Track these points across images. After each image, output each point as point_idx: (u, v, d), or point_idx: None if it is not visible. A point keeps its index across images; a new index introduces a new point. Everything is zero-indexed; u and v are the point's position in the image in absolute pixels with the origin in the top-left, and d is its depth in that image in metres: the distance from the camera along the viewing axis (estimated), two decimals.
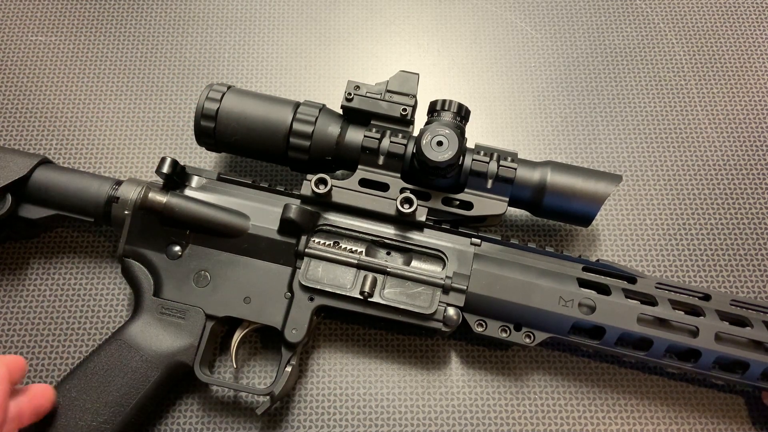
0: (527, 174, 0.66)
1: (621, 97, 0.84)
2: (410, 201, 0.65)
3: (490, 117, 0.83)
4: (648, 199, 0.79)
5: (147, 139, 0.80)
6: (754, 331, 0.63)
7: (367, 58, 0.86)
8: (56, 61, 0.84)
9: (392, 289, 0.64)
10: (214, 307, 0.65)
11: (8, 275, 0.73)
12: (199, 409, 0.68)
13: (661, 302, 0.64)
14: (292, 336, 0.64)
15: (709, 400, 0.69)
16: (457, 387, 0.69)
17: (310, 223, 0.66)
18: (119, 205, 0.66)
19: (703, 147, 0.81)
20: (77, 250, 0.74)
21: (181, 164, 0.68)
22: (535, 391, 0.70)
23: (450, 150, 0.63)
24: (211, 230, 0.66)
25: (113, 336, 0.64)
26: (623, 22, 0.88)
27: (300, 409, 0.68)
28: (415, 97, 0.68)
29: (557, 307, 0.63)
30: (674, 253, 0.76)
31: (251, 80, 0.84)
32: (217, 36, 0.87)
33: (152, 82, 0.83)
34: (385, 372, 0.70)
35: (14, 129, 0.80)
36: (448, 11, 0.89)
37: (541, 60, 0.86)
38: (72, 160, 0.79)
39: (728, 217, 0.78)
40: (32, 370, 0.69)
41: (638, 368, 0.71)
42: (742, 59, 0.87)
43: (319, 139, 0.67)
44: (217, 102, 0.67)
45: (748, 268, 0.76)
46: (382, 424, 0.68)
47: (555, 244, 0.76)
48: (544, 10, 0.89)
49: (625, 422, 0.68)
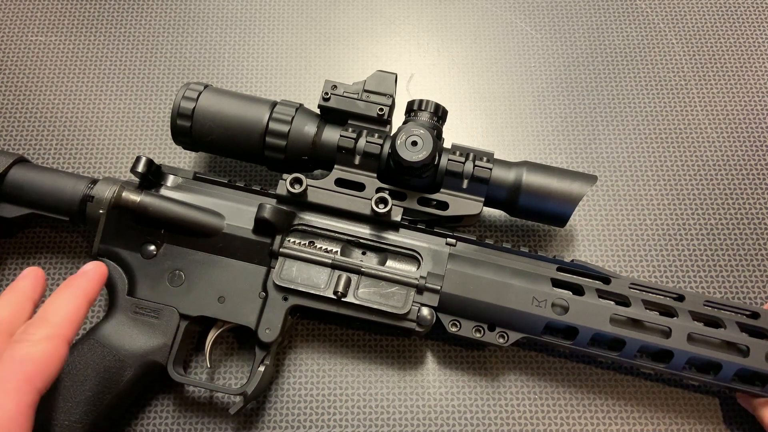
0: (503, 174, 0.66)
1: (621, 97, 0.84)
2: (385, 201, 0.65)
3: (490, 117, 0.83)
4: (648, 199, 0.79)
5: (147, 139, 0.80)
6: (727, 332, 0.63)
7: (367, 58, 0.86)
8: (56, 62, 0.84)
9: (366, 289, 0.64)
10: (188, 306, 0.65)
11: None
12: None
13: (634, 303, 0.64)
14: (266, 335, 0.64)
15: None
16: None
17: (285, 222, 0.66)
18: (94, 204, 0.66)
19: (703, 147, 0.82)
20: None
21: (157, 163, 0.68)
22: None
23: (425, 150, 0.63)
24: (186, 229, 0.66)
25: (86, 335, 0.63)
26: (623, 22, 0.88)
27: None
28: (393, 97, 0.68)
29: (530, 307, 0.63)
30: (674, 253, 0.76)
31: (251, 80, 0.84)
32: (216, 36, 0.87)
33: (152, 82, 0.83)
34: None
35: (14, 129, 0.80)
36: (448, 11, 0.89)
37: (541, 60, 0.87)
38: (72, 160, 0.78)
39: (728, 217, 0.78)
40: None
41: (614, 369, 0.71)
42: (742, 59, 0.87)
43: (296, 138, 0.67)
44: (194, 101, 0.67)
45: (747, 268, 0.76)
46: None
47: (538, 246, 0.76)
48: (544, 10, 0.89)
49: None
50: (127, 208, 0.65)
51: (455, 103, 0.83)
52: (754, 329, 0.64)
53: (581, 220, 0.77)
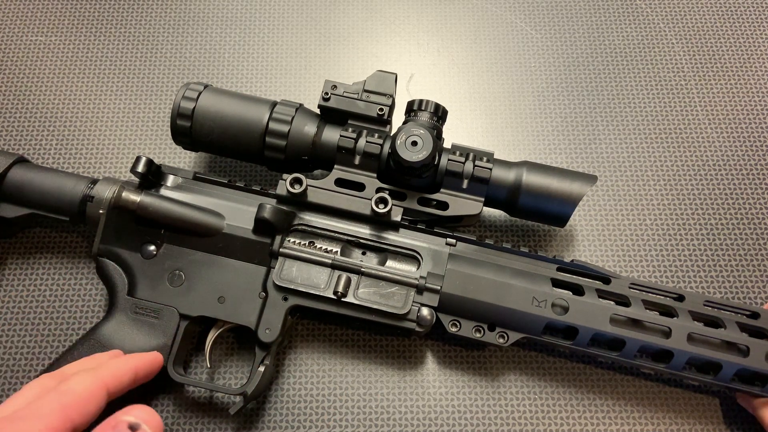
0: (503, 174, 0.66)
1: (621, 97, 0.84)
2: (385, 201, 0.65)
3: (490, 117, 0.83)
4: (648, 199, 0.79)
5: (147, 139, 0.80)
6: (727, 332, 0.63)
7: (367, 58, 0.86)
8: (56, 62, 0.84)
9: (366, 289, 0.64)
10: (188, 306, 0.65)
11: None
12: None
13: (634, 303, 0.64)
14: (266, 336, 0.63)
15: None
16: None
17: (284, 222, 0.66)
18: (94, 204, 0.66)
19: (703, 147, 0.81)
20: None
21: (157, 163, 0.68)
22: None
23: (425, 150, 0.63)
24: (186, 229, 0.66)
25: (87, 335, 0.64)
26: (623, 22, 0.88)
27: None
28: (393, 97, 0.68)
29: (530, 307, 0.63)
30: (674, 253, 0.76)
31: (251, 80, 0.84)
32: (216, 36, 0.87)
33: (152, 82, 0.83)
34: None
35: (14, 129, 0.80)
36: (448, 11, 0.89)
37: (541, 60, 0.87)
38: (72, 160, 0.78)
39: (728, 218, 0.78)
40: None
41: (614, 369, 0.71)
42: (742, 59, 0.87)
43: (295, 138, 0.67)
44: (194, 101, 0.67)
45: (747, 268, 0.76)
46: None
47: (538, 246, 0.76)
48: (544, 10, 0.89)
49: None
50: (127, 208, 0.65)
51: (455, 103, 0.83)
52: (754, 329, 0.64)
53: (582, 221, 0.77)
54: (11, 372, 0.69)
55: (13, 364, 0.69)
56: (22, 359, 0.69)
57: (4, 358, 0.69)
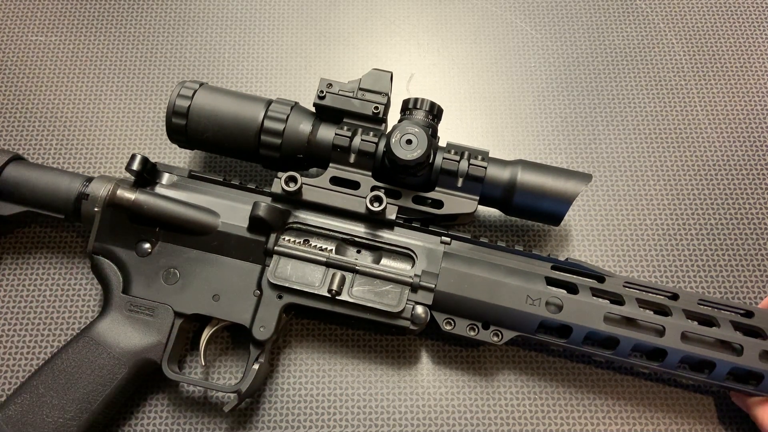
0: (497, 173, 0.66)
1: (621, 97, 0.84)
2: (380, 199, 0.65)
3: (490, 117, 0.83)
4: (647, 199, 0.79)
5: (143, 137, 0.80)
6: (720, 330, 0.63)
7: (367, 58, 0.86)
8: (56, 62, 0.84)
9: (361, 288, 0.64)
10: (182, 304, 0.65)
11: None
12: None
13: (628, 301, 0.64)
14: (260, 333, 0.64)
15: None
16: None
17: (279, 220, 0.66)
18: (89, 202, 0.66)
19: (703, 147, 0.81)
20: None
21: (153, 161, 0.68)
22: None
23: (419, 148, 0.63)
24: (181, 227, 0.66)
25: (81, 333, 0.64)
26: (623, 22, 0.88)
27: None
28: (388, 95, 0.68)
29: (524, 305, 0.63)
30: (674, 253, 0.76)
31: (250, 80, 0.84)
32: (216, 36, 0.87)
33: (151, 82, 0.84)
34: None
35: (12, 127, 0.80)
36: (448, 11, 0.89)
37: (541, 60, 0.86)
38: (70, 158, 0.79)
39: (727, 217, 0.78)
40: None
41: (609, 368, 0.71)
42: (742, 59, 0.86)
43: (291, 136, 0.67)
44: (189, 99, 0.67)
45: (747, 268, 0.75)
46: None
47: (532, 244, 0.76)
48: (544, 10, 0.89)
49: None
50: (122, 206, 0.65)
51: (455, 102, 0.83)
52: (748, 328, 0.64)
53: (582, 220, 0.77)
54: (5, 367, 0.69)
55: (8, 359, 0.69)
56: (16, 355, 0.69)
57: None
